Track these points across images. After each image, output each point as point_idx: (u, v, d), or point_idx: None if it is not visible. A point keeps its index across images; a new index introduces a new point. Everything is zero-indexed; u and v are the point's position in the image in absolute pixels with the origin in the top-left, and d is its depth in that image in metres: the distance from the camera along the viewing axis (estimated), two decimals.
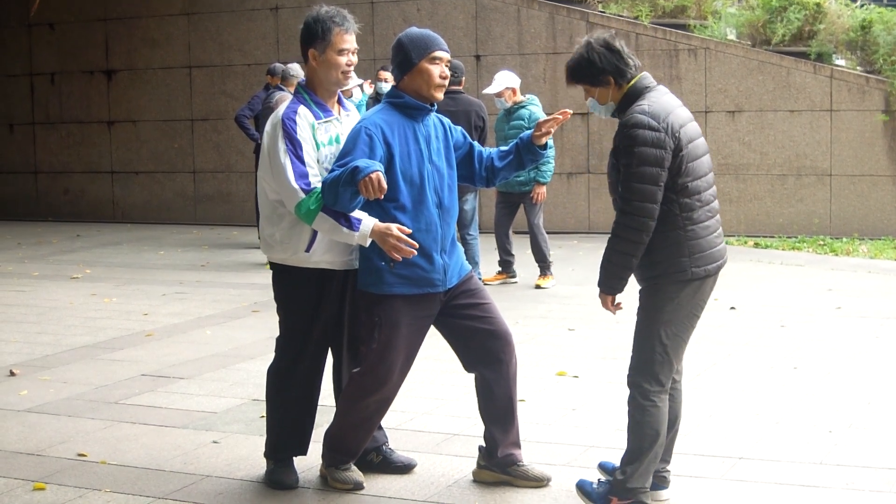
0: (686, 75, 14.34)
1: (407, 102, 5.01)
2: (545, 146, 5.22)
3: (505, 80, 10.63)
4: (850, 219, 13.69)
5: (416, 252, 4.85)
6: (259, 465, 5.53)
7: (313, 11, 5.10)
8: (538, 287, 10.76)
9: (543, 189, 10.71)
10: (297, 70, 12.48)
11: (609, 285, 4.70)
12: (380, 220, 4.88)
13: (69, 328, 9.18)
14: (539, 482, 5.19)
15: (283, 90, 12.38)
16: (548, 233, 11.11)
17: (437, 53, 5.01)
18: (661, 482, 4.94)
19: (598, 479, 4.96)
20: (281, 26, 16.58)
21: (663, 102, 4.64)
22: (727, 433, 5.97)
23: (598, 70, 4.66)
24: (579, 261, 12.62)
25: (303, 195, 4.86)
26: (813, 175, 13.89)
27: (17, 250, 14.43)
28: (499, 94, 10.63)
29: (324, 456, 5.24)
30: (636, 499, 4.74)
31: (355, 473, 5.20)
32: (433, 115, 5.13)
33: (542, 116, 10.58)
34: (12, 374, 7.54)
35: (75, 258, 13.58)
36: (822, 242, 13.22)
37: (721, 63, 14.22)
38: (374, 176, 4.65)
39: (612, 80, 4.67)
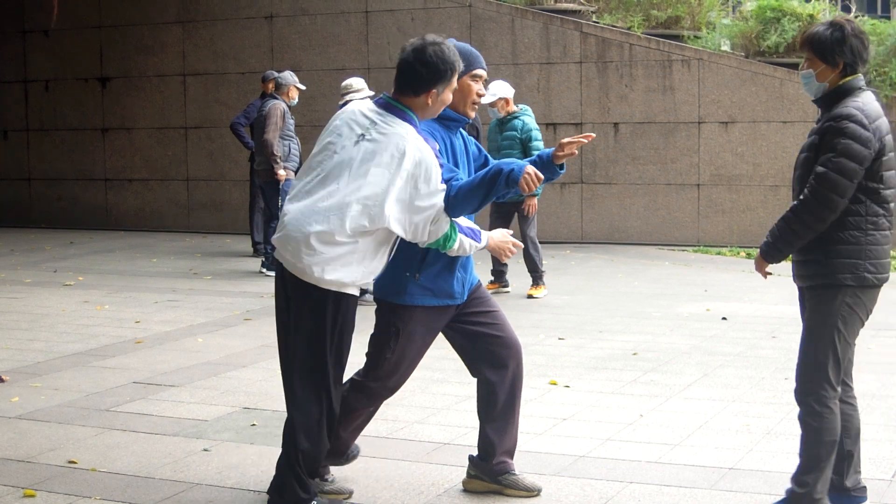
0: (679, 86, 14.37)
1: (448, 114, 4.98)
2: (563, 165, 5.23)
3: (499, 90, 10.66)
4: None
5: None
6: (249, 474, 5.53)
7: (446, 51, 4.77)
8: (530, 297, 10.77)
9: (535, 201, 10.74)
10: (289, 78, 12.48)
11: (771, 254, 4.76)
12: None
13: (61, 335, 9.17)
14: (530, 492, 5.19)
15: (276, 98, 12.39)
16: (541, 242, 11.13)
17: (478, 71, 5.02)
18: (862, 492, 4.88)
19: None
20: (275, 35, 16.60)
21: (874, 107, 4.67)
22: (718, 444, 5.98)
23: (839, 50, 4.66)
24: (572, 270, 12.64)
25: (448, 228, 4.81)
26: None
27: (10, 257, 14.42)
28: (492, 104, 10.66)
29: None
30: None
31: (341, 486, 5.17)
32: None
33: (535, 127, 10.67)
34: (2, 380, 7.53)
35: (68, 265, 13.56)
36: None
37: (714, 74, 14.26)
38: (531, 169, 4.74)
39: (842, 65, 4.68)
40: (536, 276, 10.89)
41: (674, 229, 14.53)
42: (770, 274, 4.91)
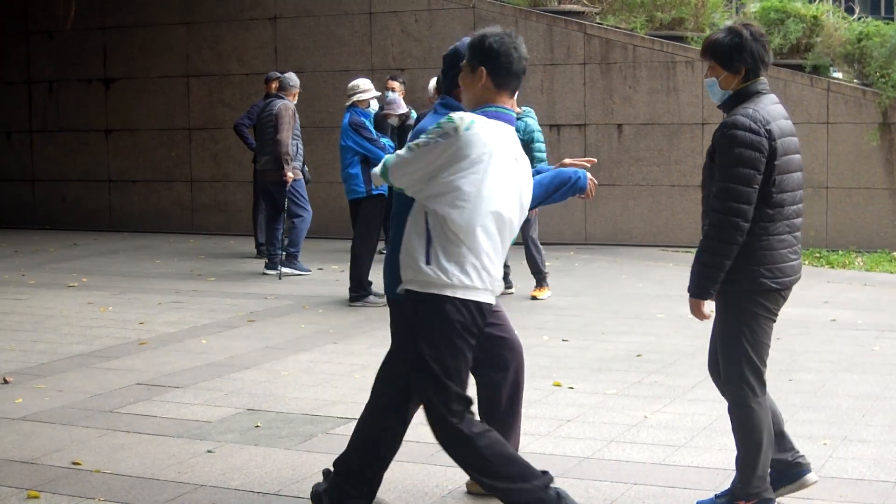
0: (683, 87, 14.36)
1: None
2: None
3: None
4: (846, 231, 13.70)
5: None
6: (253, 475, 5.53)
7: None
8: (534, 298, 10.77)
9: None
10: (295, 80, 12.53)
11: (702, 288, 4.66)
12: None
13: (65, 336, 9.17)
14: None
15: (283, 99, 12.42)
16: (544, 244, 11.13)
17: None
18: (803, 468, 4.99)
19: (715, 495, 4.98)
20: (279, 36, 16.60)
21: (770, 110, 4.69)
22: (722, 445, 5.97)
23: (739, 57, 4.70)
24: (575, 272, 12.63)
25: None
26: (809, 187, 13.89)
27: (14, 258, 14.43)
28: None
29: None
30: (761, 497, 4.81)
31: (379, 498, 5.04)
32: None
33: (538, 129, 10.66)
34: (6, 381, 7.54)
35: (72, 266, 13.57)
36: (818, 255, 13.23)
37: None
38: (590, 176, 5.14)
39: (744, 70, 4.72)
40: (539, 277, 10.89)
41: (678, 231, 14.52)
42: (709, 316, 4.76)
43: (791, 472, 4.97)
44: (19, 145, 18.68)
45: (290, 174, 12.16)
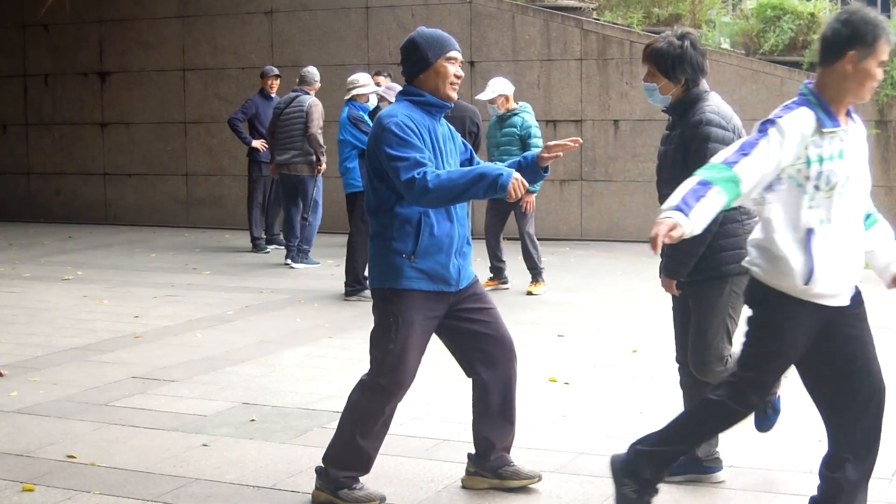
0: None
1: (428, 100, 4.96)
2: (547, 168, 5.22)
3: (499, 87, 10.65)
4: None
5: None
6: (248, 469, 5.53)
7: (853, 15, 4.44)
8: (530, 294, 10.76)
9: (532, 198, 10.72)
10: (317, 74, 12.79)
11: (674, 270, 5.08)
12: (407, 218, 4.86)
13: (60, 329, 9.16)
14: (531, 479, 5.20)
15: (308, 94, 12.61)
16: (540, 240, 11.13)
17: (453, 53, 5.02)
18: (715, 463, 5.27)
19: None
20: (275, 30, 16.58)
21: (725, 107, 4.97)
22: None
23: (680, 67, 4.91)
24: (571, 267, 12.63)
25: None
26: None
27: (9, 251, 14.40)
28: (492, 101, 10.65)
29: (328, 480, 5.04)
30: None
31: (372, 491, 5.08)
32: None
33: (535, 124, 10.65)
34: (1, 374, 7.53)
35: (67, 260, 13.55)
36: None
37: (715, 72, 14.17)
38: (518, 176, 4.75)
39: (684, 79, 4.94)
40: (535, 272, 10.88)
41: None
42: (680, 291, 5.16)
43: (702, 464, 5.26)
44: (14, 138, 18.65)
45: (324, 166, 12.71)
